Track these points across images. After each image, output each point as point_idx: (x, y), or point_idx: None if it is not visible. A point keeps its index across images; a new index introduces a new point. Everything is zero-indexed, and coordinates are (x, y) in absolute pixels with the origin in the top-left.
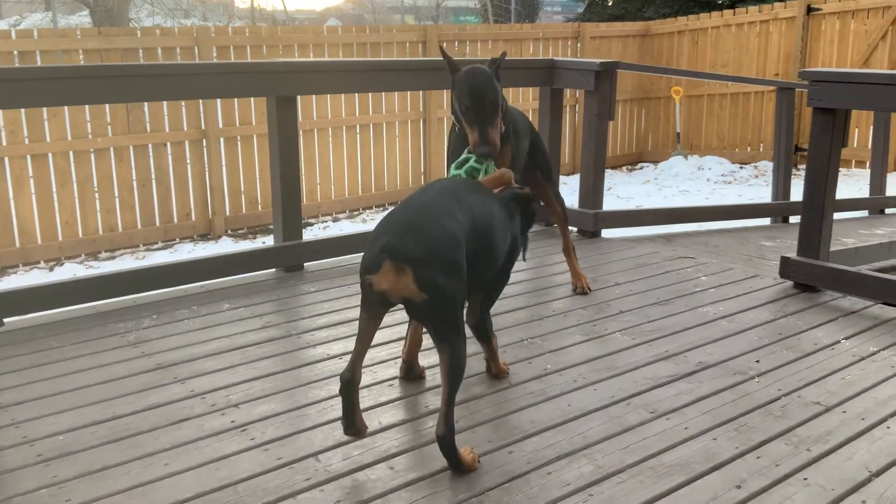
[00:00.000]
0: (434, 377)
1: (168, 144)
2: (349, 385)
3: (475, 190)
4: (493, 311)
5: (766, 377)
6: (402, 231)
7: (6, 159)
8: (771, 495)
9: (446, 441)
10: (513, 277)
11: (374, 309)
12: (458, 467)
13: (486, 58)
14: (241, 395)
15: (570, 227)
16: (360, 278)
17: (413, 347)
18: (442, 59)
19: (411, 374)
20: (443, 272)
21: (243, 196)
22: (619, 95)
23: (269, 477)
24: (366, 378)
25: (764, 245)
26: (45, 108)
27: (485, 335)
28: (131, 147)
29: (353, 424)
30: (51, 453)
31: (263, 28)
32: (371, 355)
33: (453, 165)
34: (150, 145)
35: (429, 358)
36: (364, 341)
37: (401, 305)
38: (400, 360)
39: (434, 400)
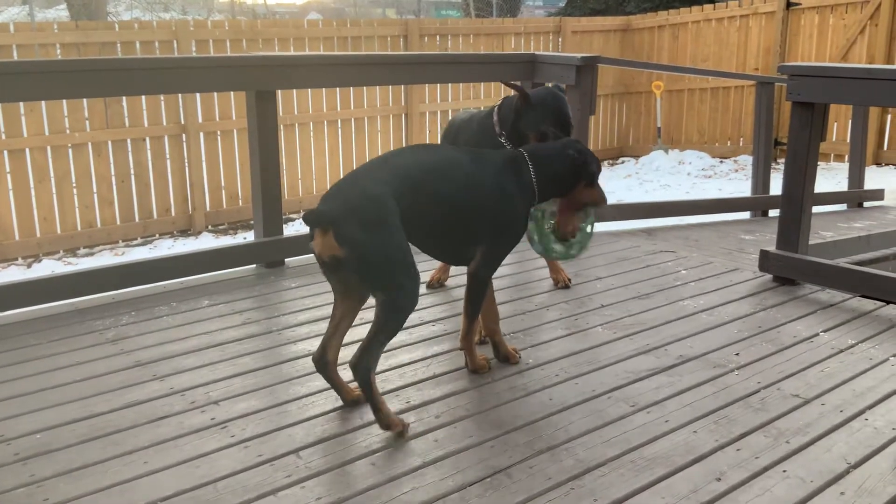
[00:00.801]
0: (405, 375)
1: (147, 139)
2: (318, 365)
3: (426, 151)
4: None
5: (745, 370)
6: (324, 200)
7: None
8: (751, 487)
9: (359, 371)
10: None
11: (333, 282)
12: (376, 412)
13: (467, 52)
14: (221, 392)
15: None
16: None
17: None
18: (424, 53)
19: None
20: (361, 228)
21: (223, 191)
22: (600, 90)
23: (249, 474)
24: (346, 374)
25: (743, 239)
26: (21, 103)
27: (476, 298)
28: (109, 142)
29: (344, 398)
30: (28, 452)
31: (243, 22)
32: (352, 350)
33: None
34: (128, 140)
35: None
36: (333, 321)
37: None
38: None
39: (416, 395)
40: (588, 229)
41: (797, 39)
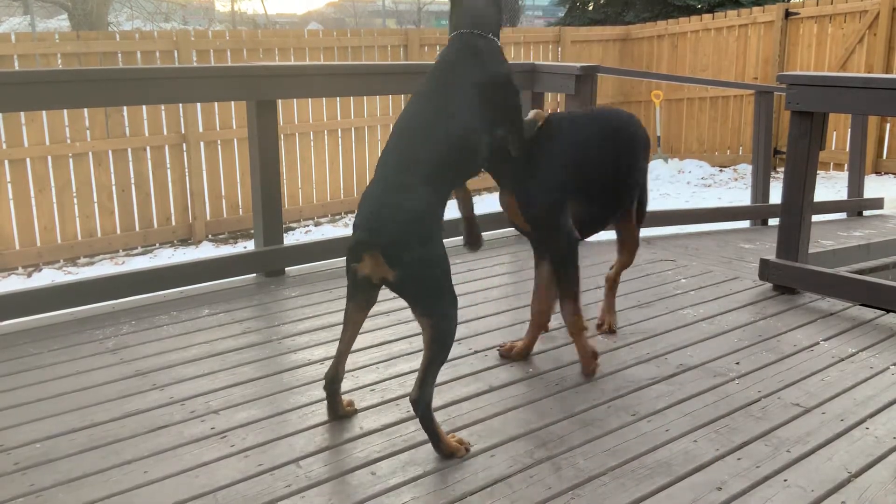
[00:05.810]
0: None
1: (147, 149)
2: (331, 384)
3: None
4: (475, 315)
5: (745, 379)
6: (369, 223)
7: None
8: (751, 496)
9: (419, 406)
10: (493, 281)
11: (359, 297)
12: (437, 444)
13: None
14: (221, 401)
15: None
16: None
17: None
18: (424, 62)
19: None
20: (409, 250)
21: (224, 200)
22: (599, 99)
23: (249, 484)
24: (347, 384)
25: (743, 247)
26: (22, 113)
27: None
28: (110, 152)
29: (337, 413)
30: (28, 462)
31: (244, 32)
32: (352, 360)
33: None
34: (129, 150)
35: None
36: (344, 339)
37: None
38: (379, 365)
39: None
40: None
41: (796, 49)
